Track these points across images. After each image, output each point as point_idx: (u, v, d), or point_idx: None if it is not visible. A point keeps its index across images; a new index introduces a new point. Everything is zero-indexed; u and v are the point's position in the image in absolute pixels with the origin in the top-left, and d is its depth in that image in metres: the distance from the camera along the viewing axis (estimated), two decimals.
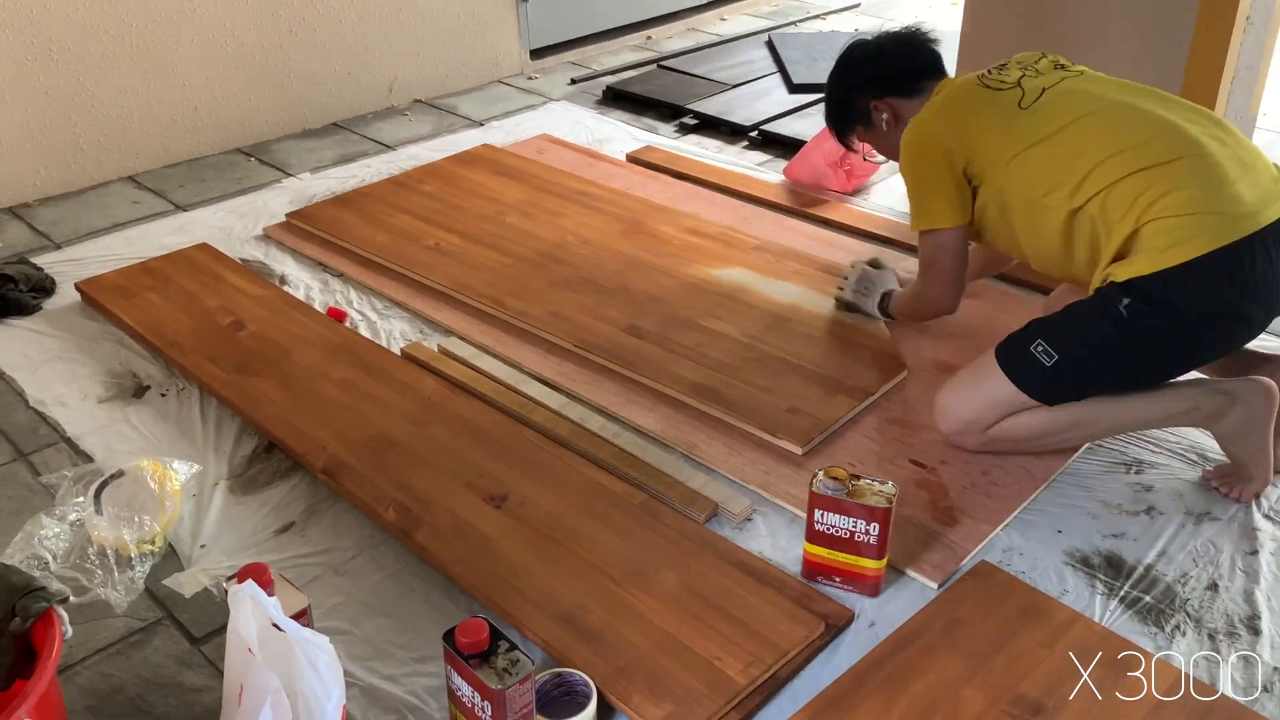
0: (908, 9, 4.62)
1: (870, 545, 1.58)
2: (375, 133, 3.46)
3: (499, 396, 2.07)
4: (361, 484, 1.83)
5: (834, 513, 1.58)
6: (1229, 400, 1.75)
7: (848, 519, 1.57)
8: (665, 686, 1.45)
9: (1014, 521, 1.78)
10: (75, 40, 2.95)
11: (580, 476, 1.85)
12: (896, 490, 1.58)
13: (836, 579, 1.64)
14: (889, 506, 1.55)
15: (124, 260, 2.62)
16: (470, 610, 1.61)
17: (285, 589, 1.45)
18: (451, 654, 1.32)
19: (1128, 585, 1.65)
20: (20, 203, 2.98)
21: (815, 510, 1.60)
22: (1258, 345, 1.86)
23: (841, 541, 1.60)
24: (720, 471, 1.89)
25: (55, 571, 1.67)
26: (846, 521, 1.58)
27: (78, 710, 1.48)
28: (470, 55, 3.83)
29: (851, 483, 1.58)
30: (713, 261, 2.52)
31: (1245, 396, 1.75)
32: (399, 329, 2.35)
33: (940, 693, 1.44)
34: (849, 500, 1.56)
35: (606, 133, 3.40)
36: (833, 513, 1.58)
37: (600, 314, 2.31)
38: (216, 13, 3.19)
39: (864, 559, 1.60)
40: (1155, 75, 2.58)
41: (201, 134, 3.28)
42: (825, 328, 2.25)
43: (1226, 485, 1.82)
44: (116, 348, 2.30)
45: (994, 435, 1.85)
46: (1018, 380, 1.79)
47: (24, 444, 2.03)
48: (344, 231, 2.70)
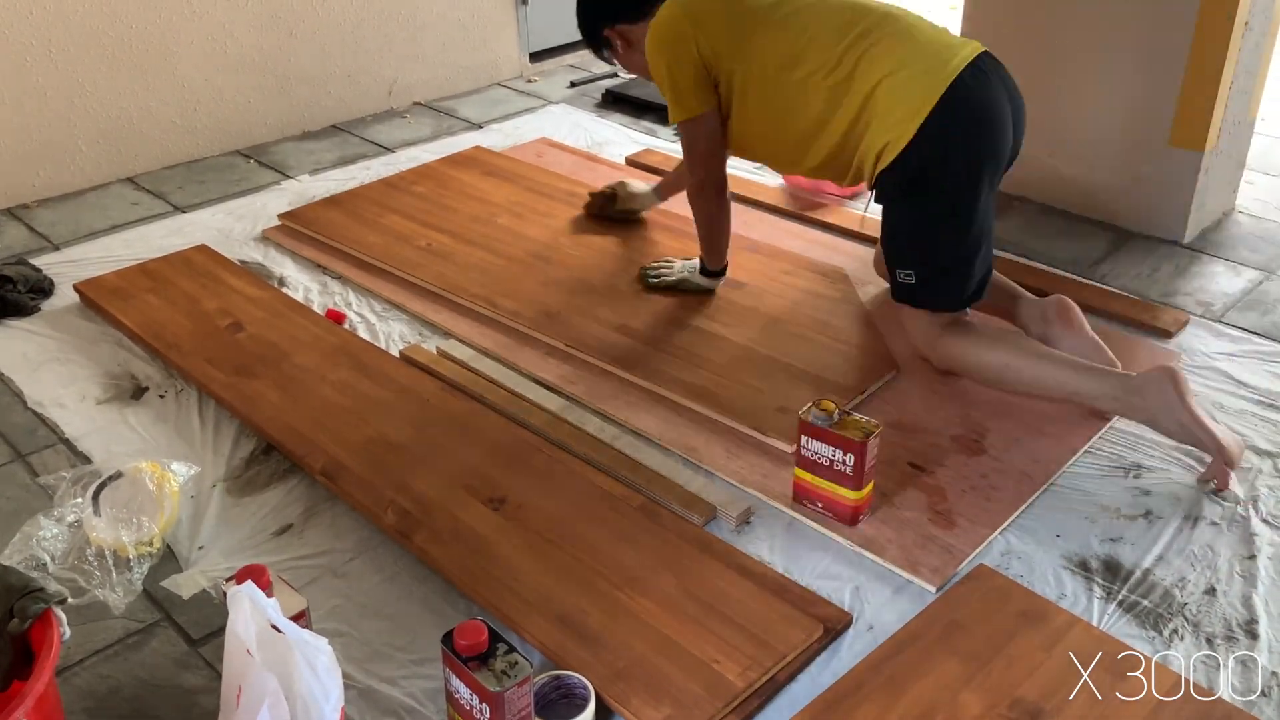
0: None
1: (847, 475, 1.70)
2: (374, 135, 3.47)
3: (497, 399, 2.07)
4: (360, 486, 1.83)
5: (817, 440, 1.72)
6: (1140, 394, 1.84)
7: (828, 447, 1.70)
8: (663, 689, 1.45)
9: (1012, 525, 1.78)
10: (74, 41, 2.95)
11: (579, 479, 1.85)
12: (880, 429, 1.69)
13: (819, 504, 1.77)
14: (864, 440, 1.67)
15: (123, 262, 2.62)
16: (469, 613, 1.61)
17: (284, 591, 1.45)
18: (450, 656, 1.32)
19: (1126, 589, 1.65)
20: (19, 204, 2.98)
21: (802, 436, 1.73)
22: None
23: (823, 469, 1.73)
24: (719, 475, 1.89)
25: (53, 573, 1.67)
26: (827, 450, 1.71)
27: (75, 711, 1.47)
28: (470, 58, 3.84)
29: (839, 415, 1.70)
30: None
31: (1148, 386, 1.84)
32: (398, 331, 2.35)
33: (938, 696, 1.44)
34: (831, 430, 1.68)
35: (606, 136, 3.41)
36: (816, 440, 1.72)
37: (594, 314, 2.31)
38: (216, 14, 3.19)
39: (841, 488, 1.72)
40: (1154, 80, 2.59)
41: (200, 136, 3.28)
42: (818, 329, 2.26)
43: (1205, 480, 1.86)
44: (115, 349, 2.30)
45: (944, 355, 2.06)
46: (914, 302, 2.05)
47: (22, 445, 2.03)
48: (336, 232, 2.70)
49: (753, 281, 2.44)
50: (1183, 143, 2.61)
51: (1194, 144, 2.60)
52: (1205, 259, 2.63)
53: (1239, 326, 2.34)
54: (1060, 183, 2.84)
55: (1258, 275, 2.55)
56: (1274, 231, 2.76)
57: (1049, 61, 2.75)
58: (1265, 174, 3.07)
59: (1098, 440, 1.97)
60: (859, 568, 1.70)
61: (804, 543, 1.75)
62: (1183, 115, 2.58)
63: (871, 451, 1.69)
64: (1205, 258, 2.64)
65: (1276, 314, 2.39)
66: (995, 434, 1.97)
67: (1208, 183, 2.67)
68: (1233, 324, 2.35)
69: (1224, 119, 2.61)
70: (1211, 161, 2.64)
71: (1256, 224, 2.80)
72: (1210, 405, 2.07)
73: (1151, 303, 2.41)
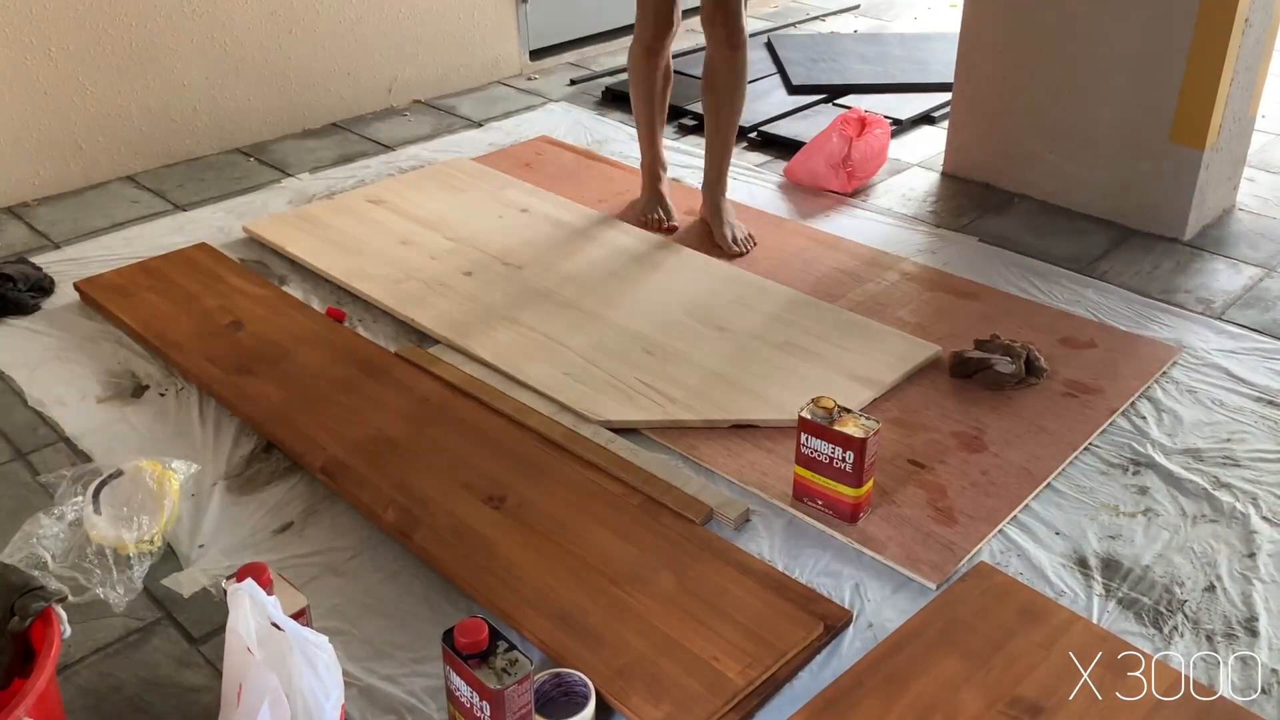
0: (906, 10, 4.62)
1: (846, 472, 1.70)
2: (375, 133, 3.46)
3: (494, 400, 2.07)
4: (360, 484, 1.83)
5: (817, 438, 1.72)
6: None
7: (828, 445, 1.71)
8: (663, 687, 1.45)
9: (1012, 522, 1.78)
10: (74, 39, 2.95)
11: (579, 477, 1.85)
12: (879, 426, 1.69)
13: (819, 502, 1.77)
14: (864, 438, 1.67)
15: (123, 260, 2.62)
16: (469, 610, 1.61)
17: (284, 589, 1.45)
18: (450, 654, 1.32)
19: (1125, 587, 1.65)
20: (19, 202, 2.98)
21: (802, 434, 1.73)
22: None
23: (823, 466, 1.73)
24: (719, 473, 1.89)
25: (54, 571, 1.67)
26: (826, 447, 1.71)
27: (76, 710, 1.48)
28: (470, 56, 3.84)
29: (838, 413, 1.71)
30: (701, 261, 2.53)
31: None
32: (395, 330, 2.35)
33: (938, 694, 1.44)
34: (830, 428, 1.68)
35: (605, 134, 3.41)
36: (816, 438, 1.72)
37: (590, 312, 2.31)
38: (216, 12, 3.19)
39: (841, 485, 1.72)
40: (1154, 77, 2.59)
41: (201, 134, 3.28)
42: (816, 327, 2.26)
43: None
44: (115, 347, 2.30)
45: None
46: None
47: (23, 443, 2.03)
48: (296, 245, 2.64)
49: (749, 277, 2.44)
50: (1183, 140, 2.61)
51: (1194, 141, 2.60)
52: (1205, 256, 2.63)
53: (1239, 324, 2.34)
54: (1060, 180, 2.84)
55: (1258, 272, 2.55)
56: (1274, 228, 2.76)
57: (1049, 59, 2.75)
58: (1265, 171, 3.07)
59: (1098, 437, 1.97)
60: (859, 565, 1.70)
61: (804, 540, 1.75)
62: (1183, 112, 2.58)
63: (871, 448, 1.69)
64: (1205, 255, 2.64)
65: (1277, 311, 2.39)
66: (995, 431, 1.98)
67: (1208, 180, 2.67)
68: (1233, 321, 2.35)
69: (1224, 116, 2.60)
70: (1212, 158, 2.64)
71: (1257, 221, 2.80)
72: (1210, 402, 2.07)
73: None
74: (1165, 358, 2.19)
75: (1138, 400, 2.08)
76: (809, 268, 2.53)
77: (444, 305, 2.37)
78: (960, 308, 2.38)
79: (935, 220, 2.82)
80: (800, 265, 2.54)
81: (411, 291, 2.42)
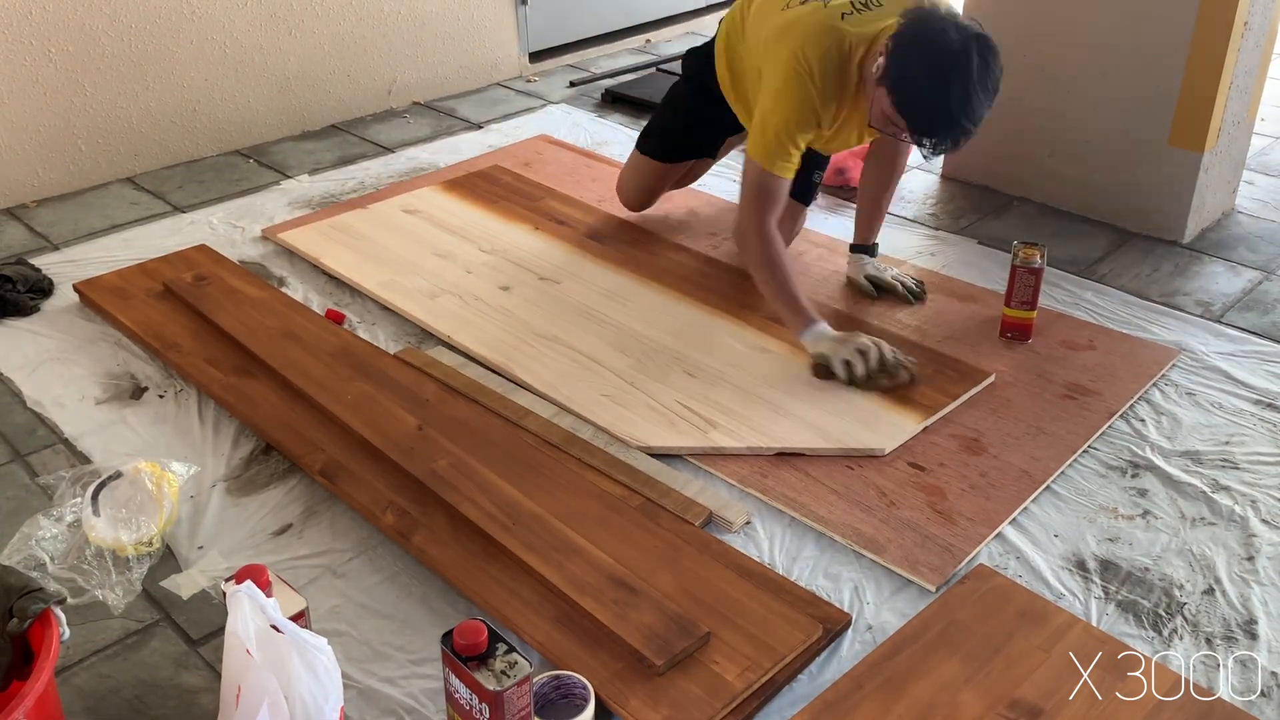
0: None
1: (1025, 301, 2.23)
2: (374, 135, 3.46)
3: (493, 402, 2.07)
4: (359, 486, 1.83)
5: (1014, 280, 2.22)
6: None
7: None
8: (662, 690, 1.45)
9: (1011, 525, 1.78)
10: (74, 41, 2.95)
11: (578, 479, 1.85)
12: (1045, 250, 2.20)
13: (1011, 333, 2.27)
14: (1040, 267, 2.20)
15: (122, 261, 2.62)
16: (468, 612, 1.61)
17: (283, 590, 1.45)
18: (449, 656, 1.32)
19: (1125, 589, 1.65)
20: (18, 204, 2.98)
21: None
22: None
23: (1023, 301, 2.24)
24: (718, 475, 1.89)
25: (53, 573, 1.67)
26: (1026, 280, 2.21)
27: (75, 711, 1.47)
28: (469, 58, 3.84)
29: (1024, 251, 2.23)
30: (699, 261, 2.53)
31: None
32: (395, 331, 2.35)
33: (938, 696, 1.44)
34: (1019, 266, 2.21)
35: (605, 135, 3.41)
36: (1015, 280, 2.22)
37: (593, 315, 2.31)
38: (215, 14, 3.19)
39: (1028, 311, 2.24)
40: (1154, 80, 2.59)
41: (200, 135, 3.28)
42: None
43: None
44: (114, 349, 2.30)
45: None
46: None
47: (21, 445, 2.03)
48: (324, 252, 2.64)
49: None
50: (1182, 143, 2.61)
51: (1193, 144, 2.60)
52: (1205, 259, 2.63)
53: (1238, 326, 2.34)
54: (1060, 183, 2.84)
55: (1257, 275, 2.56)
56: (1273, 231, 2.76)
57: (1049, 61, 2.75)
58: (1265, 174, 3.07)
59: (1096, 440, 1.97)
60: (858, 567, 1.70)
61: (803, 543, 1.75)
62: (1182, 115, 2.59)
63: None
64: (1205, 258, 2.64)
65: (1276, 314, 2.39)
66: (994, 433, 1.98)
67: (1207, 183, 2.67)
68: (1232, 324, 2.35)
69: (1223, 119, 2.61)
70: (1211, 161, 2.64)
71: (1256, 224, 2.81)
72: (1210, 405, 2.07)
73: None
74: (1164, 360, 2.19)
75: (1137, 403, 2.08)
76: (807, 270, 2.53)
77: (483, 325, 2.31)
78: (959, 310, 2.38)
79: (934, 223, 2.82)
80: (799, 268, 2.54)
81: (448, 308, 2.38)
